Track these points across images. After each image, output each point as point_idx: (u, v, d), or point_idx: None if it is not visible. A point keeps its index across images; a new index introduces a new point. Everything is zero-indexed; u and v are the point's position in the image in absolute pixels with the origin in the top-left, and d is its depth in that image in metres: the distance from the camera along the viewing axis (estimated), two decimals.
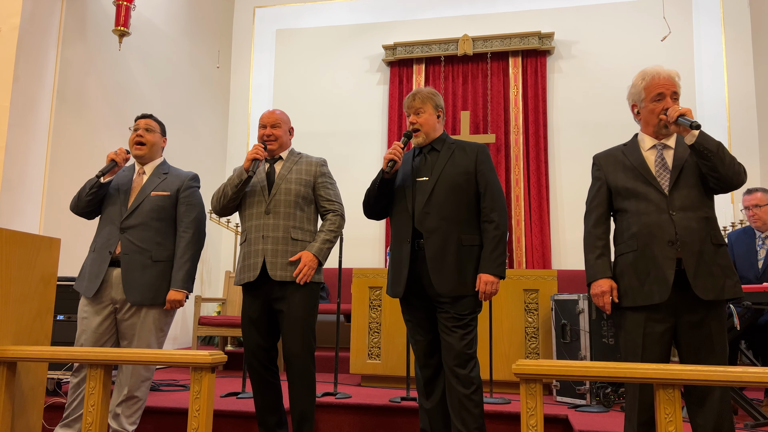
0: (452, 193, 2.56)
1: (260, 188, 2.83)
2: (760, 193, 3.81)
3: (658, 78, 2.28)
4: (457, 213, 2.55)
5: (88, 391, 1.94)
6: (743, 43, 5.98)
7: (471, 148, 2.66)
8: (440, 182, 2.57)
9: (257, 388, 2.72)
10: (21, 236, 2.07)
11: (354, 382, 4.30)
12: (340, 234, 2.89)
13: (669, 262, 2.15)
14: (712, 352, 2.13)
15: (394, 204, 2.69)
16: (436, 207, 2.55)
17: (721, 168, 2.13)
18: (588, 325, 3.62)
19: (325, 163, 2.97)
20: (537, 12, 6.50)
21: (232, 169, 3.00)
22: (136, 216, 2.80)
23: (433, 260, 2.51)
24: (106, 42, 4.95)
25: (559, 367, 1.66)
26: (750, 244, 3.81)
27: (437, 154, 2.65)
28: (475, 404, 2.44)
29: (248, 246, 2.79)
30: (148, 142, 2.91)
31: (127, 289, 2.71)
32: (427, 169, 2.62)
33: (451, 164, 2.61)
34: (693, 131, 2.13)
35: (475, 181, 2.59)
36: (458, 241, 2.53)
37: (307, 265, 2.71)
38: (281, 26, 7.11)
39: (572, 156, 6.16)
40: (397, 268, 2.61)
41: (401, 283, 2.57)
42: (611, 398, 3.53)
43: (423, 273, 2.54)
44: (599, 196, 2.39)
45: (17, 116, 4.08)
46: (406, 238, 2.57)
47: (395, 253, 2.65)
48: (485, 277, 2.50)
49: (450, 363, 2.47)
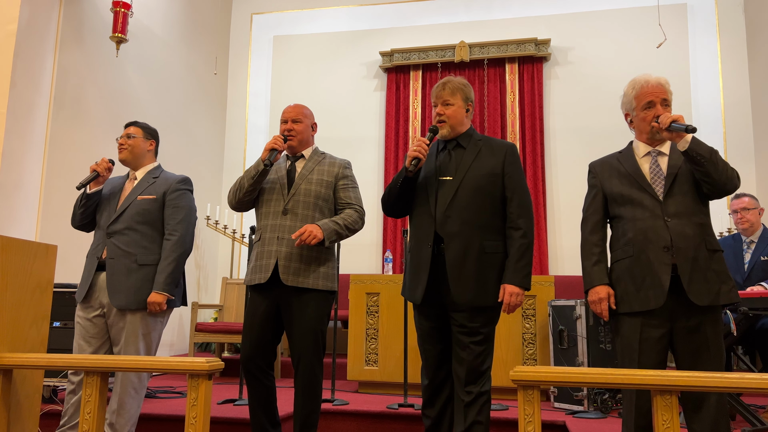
0: (476, 196, 2.41)
1: (279, 186, 2.71)
2: (748, 198, 3.90)
3: (647, 86, 2.29)
4: (480, 217, 2.40)
5: (85, 398, 1.93)
6: (738, 49, 6.02)
7: (499, 147, 2.49)
8: (464, 183, 2.41)
9: (252, 390, 2.66)
10: (17, 243, 2.06)
11: (351, 388, 4.29)
12: (353, 229, 2.70)
13: (664, 268, 2.16)
14: (709, 357, 2.14)
15: (416, 203, 2.52)
16: (458, 210, 2.39)
17: (715, 173, 2.14)
18: (585, 331, 3.62)
19: (349, 165, 2.84)
20: (533, 19, 6.53)
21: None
22: (122, 220, 2.78)
23: (453, 267, 2.36)
24: (104, 48, 4.95)
25: (557, 374, 1.66)
26: (737, 249, 3.88)
27: (462, 151, 2.48)
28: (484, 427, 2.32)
29: (262, 246, 2.69)
30: (128, 147, 2.91)
31: (112, 293, 2.70)
32: (452, 168, 2.46)
33: (476, 163, 2.45)
34: (686, 137, 2.14)
35: (501, 184, 2.44)
36: (480, 247, 2.38)
37: (308, 232, 2.53)
38: (278, 33, 7.13)
39: (569, 162, 6.17)
40: (416, 272, 2.45)
41: (420, 288, 2.42)
42: (609, 404, 3.53)
43: (441, 279, 2.40)
44: (595, 203, 2.40)
45: (14, 122, 4.08)
46: (427, 242, 2.42)
47: (415, 255, 2.49)
48: (511, 288, 2.35)
49: (461, 376, 2.35)
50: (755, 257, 3.79)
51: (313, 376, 2.61)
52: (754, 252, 3.81)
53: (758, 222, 3.89)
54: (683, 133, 2.13)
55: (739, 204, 3.89)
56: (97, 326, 2.76)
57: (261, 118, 7.00)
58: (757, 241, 3.83)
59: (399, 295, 4.11)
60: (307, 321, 2.60)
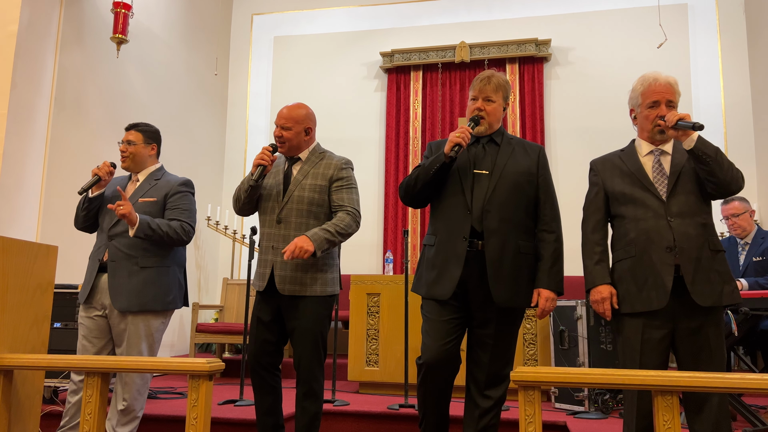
0: (513, 193, 2.36)
1: (276, 192, 2.69)
2: (737, 201, 3.90)
3: (656, 84, 2.27)
4: (517, 216, 2.35)
5: (86, 399, 1.93)
6: (739, 49, 6.01)
7: (532, 149, 2.48)
8: (502, 179, 2.36)
9: (258, 390, 2.66)
10: (18, 244, 2.06)
11: (352, 389, 4.29)
12: (346, 233, 2.62)
13: (667, 269, 2.15)
14: (710, 358, 2.13)
15: (446, 194, 2.40)
16: (496, 206, 2.32)
17: (720, 173, 2.13)
18: (586, 331, 3.62)
19: (348, 164, 2.74)
20: (534, 19, 6.53)
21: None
22: (123, 223, 2.78)
23: (493, 266, 2.28)
24: (104, 49, 4.95)
25: (558, 374, 1.66)
26: (733, 252, 3.90)
27: (497, 147, 2.44)
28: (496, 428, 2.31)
29: (261, 254, 2.70)
30: (129, 155, 2.91)
31: (114, 295, 2.71)
32: (487, 163, 2.39)
33: (512, 161, 2.40)
34: (692, 135, 2.12)
35: (536, 184, 2.42)
36: (516, 247, 2.33)
37: (298, 245, 2.47)
38: (279, 33, 7.13)
39: (569, 162, 6.17)
40: (445, 266, 2.31)
41: (451, 283, 2.28)
42: (610, 405, 3.53)
43: (471, 277, 2.30)
44: (596, 201, 2.38)
45: (15, 123, 4.08)
46: (462, 235, 2.30)
47: (444, 248, 2.34)
48: (546, 293, 2.33)
49: (480, 379, 2.28)
50: (748, 258, 3.80)
51: (313, 378, 2.61)
52: (747, 253, 3.82)
53: (751, 224, 3.89)
54: (690, 131, 2.11)
55: (729, 210, 3.91)
56: (99, 326, 2.77)
57: (261, 119, 7.01)
58: (750, 243, 3.84)
59: (400, 296, 4.10)
60: (307, 324, 2.59)
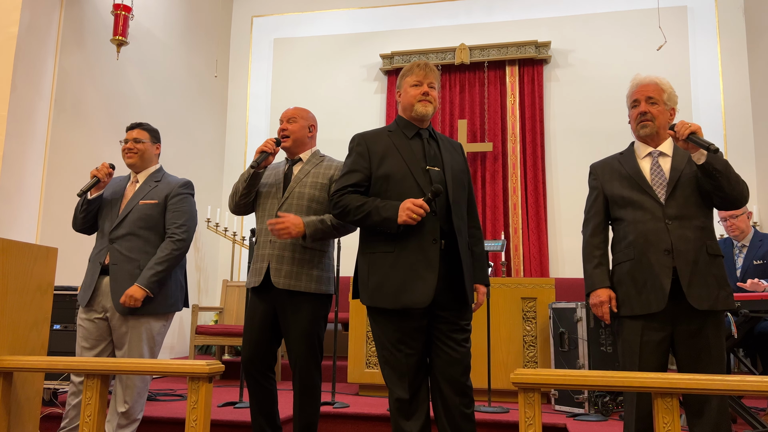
0: (461, 191, 2.35)
1: (275, 190, 2.71)
2: None
3: (638, 83, 2.33)
4: (464, 213, 2.35)
5: (85, 401, 1.93)
6: (738, 51, 6.02)
7: (456, 145, 2.47)
8: (452, 177, 2.30)
9: (252, 393, 2.65)
10: (18, 246, 2.06)
11: (352, 391, 4.28)
12: (342, 228, 2.56)
13: (665, 271, 2.15)
14: (710, 360, 2.13)
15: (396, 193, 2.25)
16: (454, 204, 2.27)
17: (728, 188, 2.13)
18: (586, 333, 3.62)
19: None
20: (533, 21, 6.54)
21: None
22: (124, 226, 2.77)
23: (463, 264, 2.26)
24: (104, 51, 4.96)
25: (558, 376, 1.66)
26: (728, 253, 3.88)
27: (435, 143, 2.38)
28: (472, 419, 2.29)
29: (257, 249, 2.70)
30: (138, 152, 2.89)
31: (115, 298, 2.69)
32: (433, 159, 2.31)
33: (450, 158, 2.36)
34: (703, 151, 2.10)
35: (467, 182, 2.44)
36: (468, 245, 2.34)
37: (290, 221, 2.46)
38: (279, 35, 7.14)
39: (569, 164, 6.17)
40: (416, 273, 2.18)
41: (429, 290, 2.17)
42: (609, 407, 3.53)
43: (441, 278, 2.21)
44: (596, 205, 2.39)
45: (15, 125, 4.09)
46: (433, 237, 2.20)
47: (411, 253, 2.20)
48: (484, 289, 2.38)
49: (456, 377, 2.22)
50: (748, 261, 3.78)
51: (310, 379, 2.60)
52: (746, 256, 3.80)
53: (748, 226, 3.88)
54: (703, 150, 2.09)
55: (726, 212, 3.88)
56: (99, 328, 2.76)
57: (261, 121, 7.01)
58: (748, 246, 3.82)
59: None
60: (302, 325, 2.58)
